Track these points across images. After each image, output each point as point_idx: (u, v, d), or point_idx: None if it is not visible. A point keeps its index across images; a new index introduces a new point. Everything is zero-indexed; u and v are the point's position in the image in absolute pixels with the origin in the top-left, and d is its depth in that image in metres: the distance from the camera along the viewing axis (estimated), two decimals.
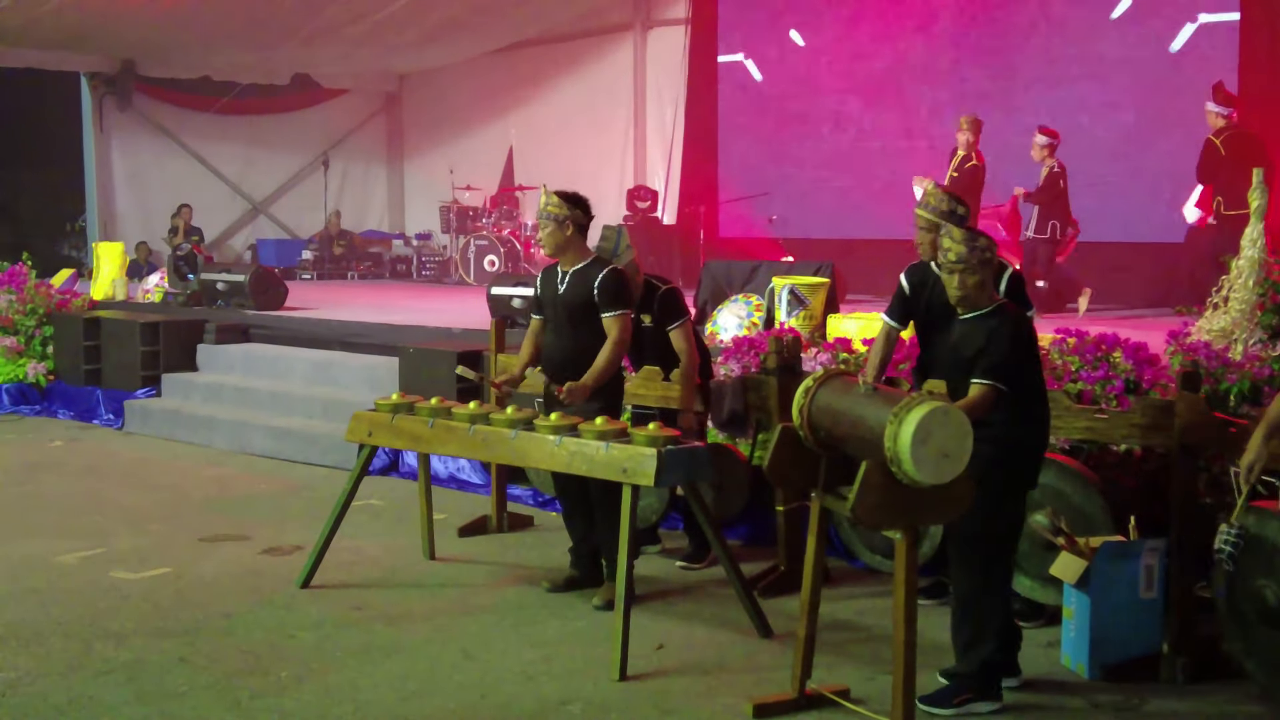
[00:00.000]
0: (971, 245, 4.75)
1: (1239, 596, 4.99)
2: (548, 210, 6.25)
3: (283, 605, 6.19)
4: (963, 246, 4.75)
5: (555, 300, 6.32)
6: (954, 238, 4.78)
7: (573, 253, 6.28)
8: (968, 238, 4.77)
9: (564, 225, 6.24)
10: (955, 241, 4.77)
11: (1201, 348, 6.30)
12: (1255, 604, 4.93)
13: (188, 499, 8.53)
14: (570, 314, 6.26)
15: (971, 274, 4.76)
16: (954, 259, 4.76)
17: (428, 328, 10.71)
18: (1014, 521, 4.95)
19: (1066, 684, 5.22)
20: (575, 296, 6.23)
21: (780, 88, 15.38)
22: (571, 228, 6.25)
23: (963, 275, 4.77)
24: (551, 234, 6.25)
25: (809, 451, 4.73)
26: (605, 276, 6.19)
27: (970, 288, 4.78)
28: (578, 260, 6.28)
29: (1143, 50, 12.48)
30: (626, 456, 5.46)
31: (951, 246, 4.77)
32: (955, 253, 4.76)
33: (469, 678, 5.25)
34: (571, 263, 6.28)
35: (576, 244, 6.29)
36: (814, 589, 4.84)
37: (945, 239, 4.81)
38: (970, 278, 4.76)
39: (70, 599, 6.28)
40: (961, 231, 4.81)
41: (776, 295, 8.56)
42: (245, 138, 19.32)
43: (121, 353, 11.78)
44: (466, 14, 16.35)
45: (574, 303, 6.23)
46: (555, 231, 6.24)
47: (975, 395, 4.65)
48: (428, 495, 7.06)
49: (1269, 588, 4.88)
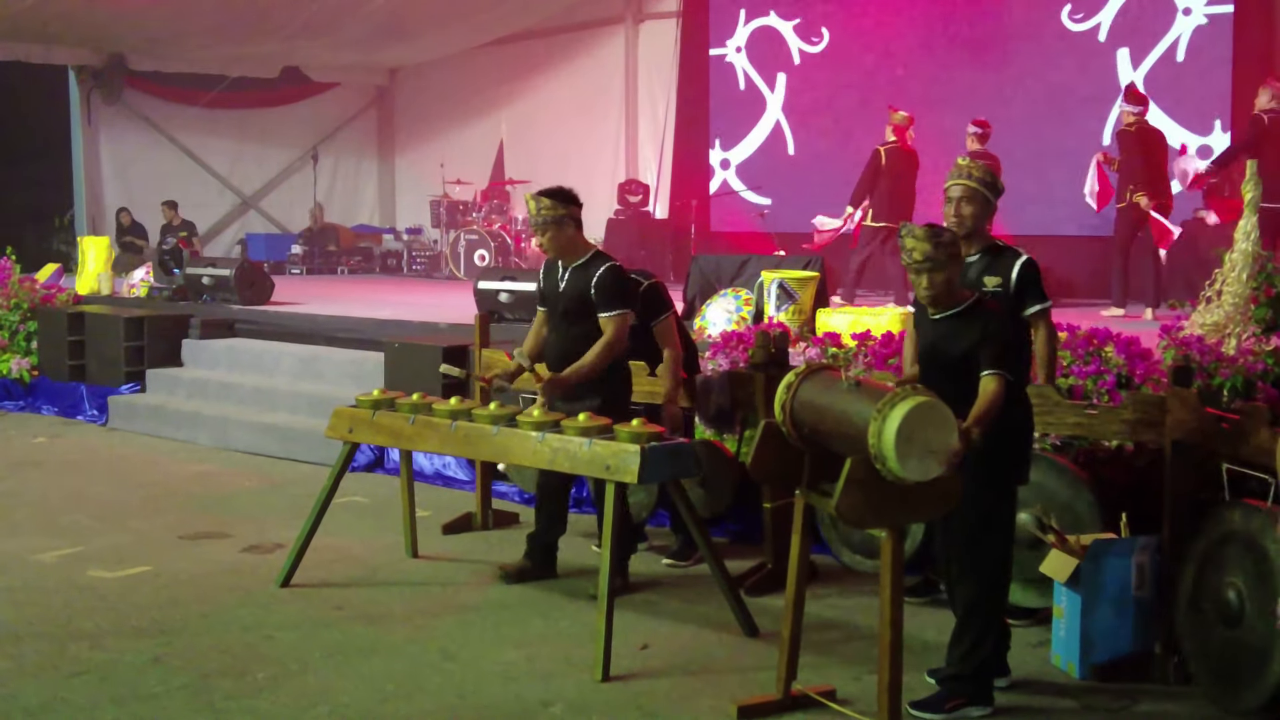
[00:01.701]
0: (936, 242, 4.64)
1: (1200, 594, 4.91)
2: (543, 215, 6.13)
3: (262, 604, 6.09)
4: (928, 244, 4.64)
5: (556, 296, 6.24)
6: (917, 236, 4.66)
7: (575, 249, 6.20)
8: (930, 234, 4.66)
9: (564, 225, 6.14)
10: (919, 240, 4.65)
11: (1194, 342, 6.23)
12: (1215, 603, 4.84)
13: (169, 496, 8.43)
14: (568, 310, 6.19)
15: (939, 271, 4.66)
16: (920, 258, 4.64)
17: (414, 322, 10.62)
18: (1007, 515, 4.85)
19: (1057, 684, 5.14)
20: (574, 292, 6.15)
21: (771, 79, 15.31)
22: (571, 224, 6.17)
23: (931, 274, 4.66)
24: (554, 237, 6.14)
25: (793, 448, 4.64)
26: (604, 274, 6.09)
27: (939, 286, 4.68)
28: (579, 255, 6.19)
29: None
30: (610, 453, 5.37)
31: (916, 245, 4.65)
32: (921, 251, 4.64)
33: (449, 678, 5.16)
34: (573, 259, 6.19)
35: (578, 240, 6.21)
36: (798, 589, 4.76)
37: (908, 239, 4.68)
38: (938, 275, 4.66)
39: (46, 598, 6.18)
40: (924, 229, 4.70)
41: (765, 289, 8.48)
42: (234, 132, 19.21)
43: (106, 348, 11.67)
44: (458, 7, 16.25)
45: (572, 299, 6.16)
46: (558, 234, 6.14)
47: (992, 388, 4.54)
48: (410, 492, 6.96)
49: (1232, 586, 4.79)
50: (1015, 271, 5.07)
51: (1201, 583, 4.91)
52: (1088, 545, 5.19)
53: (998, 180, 5.16)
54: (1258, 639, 4.65)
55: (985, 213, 5.11)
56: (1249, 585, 4.73)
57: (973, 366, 4.61)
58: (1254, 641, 4.66)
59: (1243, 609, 4.73)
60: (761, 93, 15.45)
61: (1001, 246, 5.19)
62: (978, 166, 5.15)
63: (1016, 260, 5.10)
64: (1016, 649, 5.13)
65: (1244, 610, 4.73)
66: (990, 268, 5.10)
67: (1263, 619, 4.61)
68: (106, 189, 18.31)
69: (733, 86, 15.73)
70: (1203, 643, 4.90)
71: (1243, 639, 4.72)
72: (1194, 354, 6.07)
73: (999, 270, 5.09)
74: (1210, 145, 12.06)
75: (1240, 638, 4.73)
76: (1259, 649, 4.64)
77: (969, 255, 5.07)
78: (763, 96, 15.44)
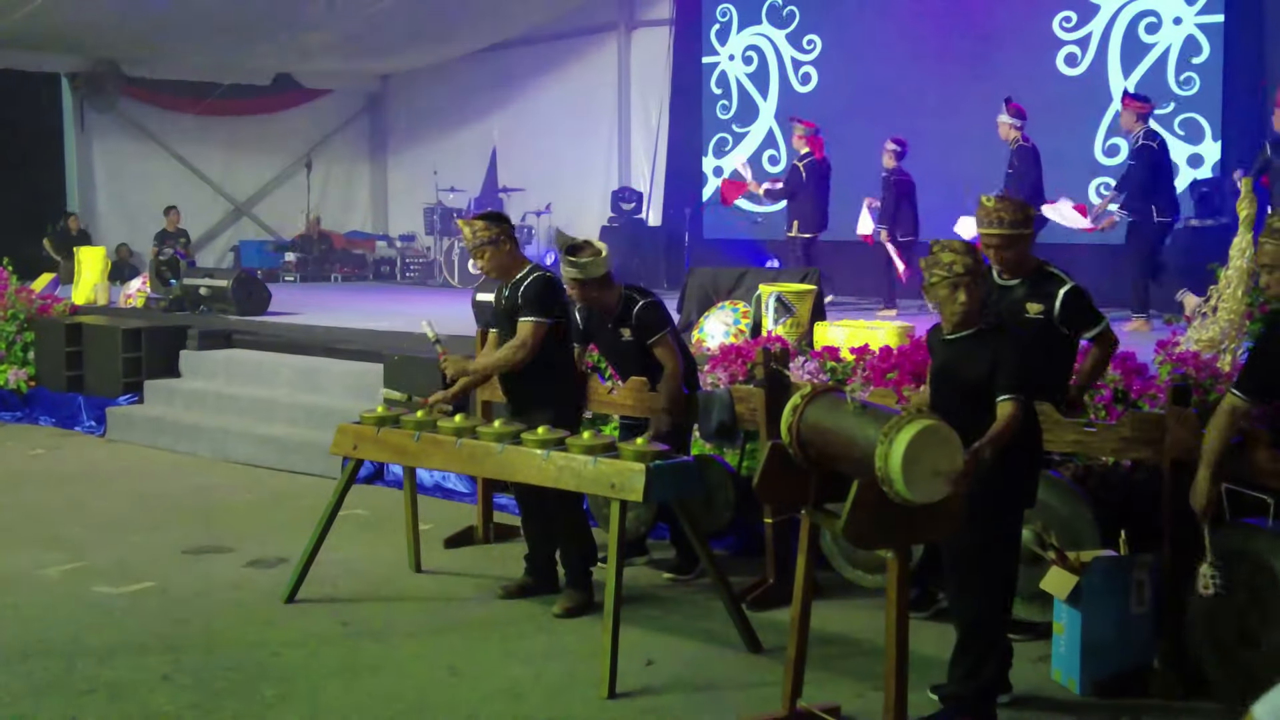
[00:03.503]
0: (975, 255, 4.67)
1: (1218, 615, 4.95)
2: (478, 237, 6.24)
3: (267, 620, 6.13)
4: (969, 258, 4.65)
5: (500, 314, 6.43)
6: (956, 249, 4.67)
7: (515, 266, 6.32)
8: (968, 247, 4.70)
9: (500, 244, 6.27)
10: (959, 253, 4.67)
11: (1190, 358, 6.28)
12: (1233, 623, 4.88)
13: (171, 509, 8.46)
14: (511, 324, 6.32)
15: (978, 286, 4.69)
16: (962, 270, 4.63)
17: (412, 334, 10.64)
18: (1012, 536, 4.88)
19: (1057, 700, 5.19)
20: (514, 306, 6.30)
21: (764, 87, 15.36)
22: (507, 243, 6.29)
23: (970, 288, 4.65)
24: (491, 257, 6.27)
25: (798, 468, 4.69)
26: (531, 280, 6.25)
27: (975, 301, 4.70)
28: (518, 271, 6.32)
29: None
30: (615, 471, 5.42)
31: (956, 259, 4.64)
32: (963, 264, 4.64)
33: (457, 696, 5.20)
34: (512, 276, 6.32)
35: (516, 257, 6.35)
36: (804, 607, 4.79)
37: (945, 253, 4.66)
38: (977, 290, 4.68)
39: (52, 615, 6.21)
40: (961, 242, 4.73)
41: (763, 303, 8.53)
42: (227, 139, 19.26)
43: (103, 359, 11.70)
44: (450, 14, 16.28)
45: (513, 313, 6.29)
46: (495, 253, 6.27)
47: (1008, 412, 4.55)
48: (413, 507, 7.01)
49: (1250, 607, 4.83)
50: (1059, 300, 5.13)
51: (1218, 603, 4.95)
52: (1087, 562, 5.25)
53: (1029, 210, 5.18)
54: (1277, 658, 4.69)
55: (1026, 248, 5.14)
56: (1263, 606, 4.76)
57: (984, 390, 4.62)
58: (1275, 661, 4.70)
59: (1261, 629, 4.77)
60: (755, 100, 15.52)
61: (1047, 272, 5.23)
62: (1007, 207, 5.09)
63: (1061, 289, 5.16)
64: (1017, 664, 5.16)
65: (1262, 630, 4.76)
66: (1033, 294, 5.16)
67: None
68: (99, 197, 18.31)
69: (725, 94, 15.79)
70: (1224, 663, 4.95)
71: (1264, 659, 4.74)
72: (1190, 370, 6.14)
73: (1041, 297, 5.15)
74: (1200, 154, 12.15)
75: (1262, 658, 4.75)
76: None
77: (1010, 281, 5.13)
78: (755, 105, 15.50)
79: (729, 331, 8.60)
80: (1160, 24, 12.35)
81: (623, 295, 6.59)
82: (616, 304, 6.56)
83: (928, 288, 4.77)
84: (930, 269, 4.73)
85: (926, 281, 4.75)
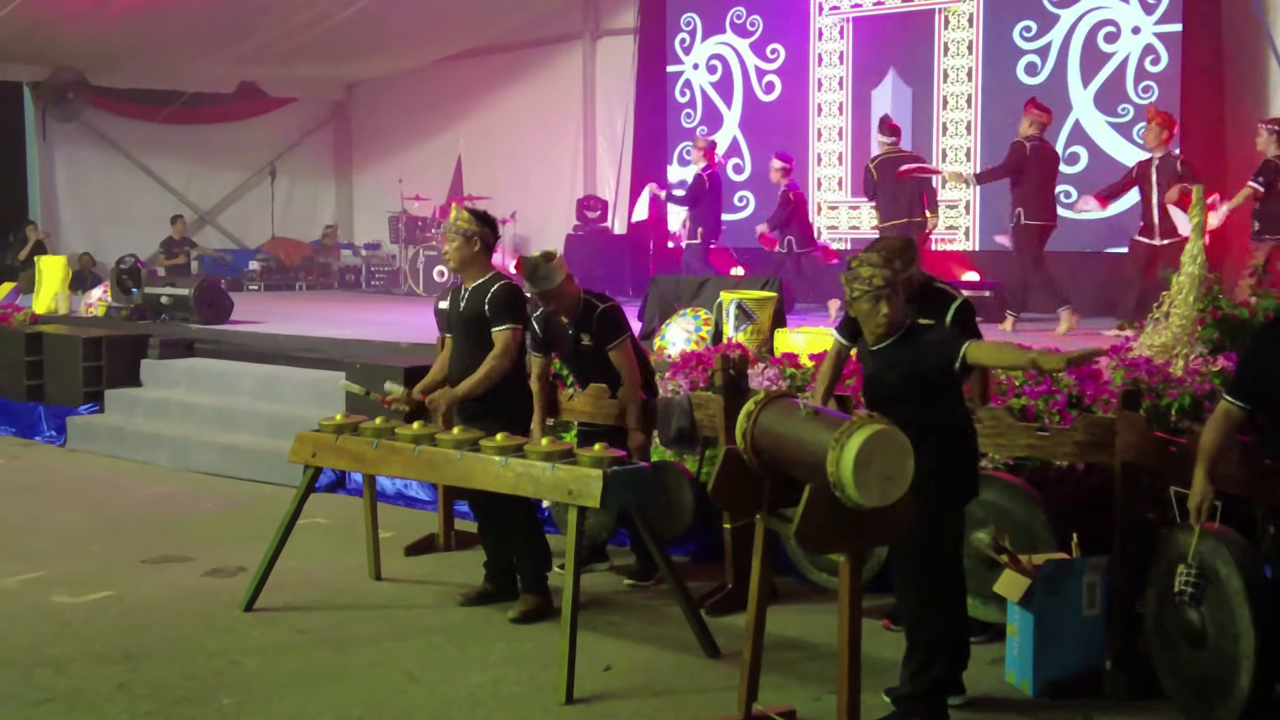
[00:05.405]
0: (893, 265, 4.74)
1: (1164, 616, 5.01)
2: (457, 225, 6.34)
3: (226, 629, 6.12)
4: (887, 269, 4.72)
5: (456, 316, 6.43)
6: (873, 262, 4.74)
7: (476, 269, 6.37)
8: (884, 258, 4.75)
9: (471, 241, 6.32)
10: (877, 266, 4.73)
11: (1143, 363, 6.36)
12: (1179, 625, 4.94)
13: (131, 518, 8.43)
14: (466, 330, 6.35)
15: (897, 295, 4.77)
16: (881, 283, 4.71)
17: (375, 342, 10.66)
18: (956, 533, 4.96)
19: (1010, 701, 5.25)
20: (471, 312, 6.32)
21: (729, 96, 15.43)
22: (479, 244, 6.34)
23: (890, 299, 4.74)
24: (458, 248, 6.32)
25: (753, 474, 4.72)
26: (498, 290, 6.28)
27: (896, 312, 4.78)
28: (479, 276, 6.36)
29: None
30: (572, 478, 5.45)
31: (875, 271, 4.72)
32: (882, 277, 4.71)
33: (415, 702, 5.21)
34: (473, 279, 6.36)
35: (481, 261, 6.38)
36: (759, 611, 4.83)
37: (863, 267, 4.73)
38: (897, 299, 4.77)
39: (9, 624, 6.19)
40: (877, 254, 4.78)
41: (724, 310, 8.56)
42: (191, 147, 19.13)
43: (64, 368, 11.62)
44: (415, 22, 16.28)
45: (470, 319, 6.33)
46: (462, 246, 6.32)
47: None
48: (373, 515, 7.01)
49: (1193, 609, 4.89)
50: (950, 316, 5.25)
51: (1164, 605, 5.01)
52: (1040, 565, 5.31)
53: (908, 250, 5.16)
54: (1223, 659, 4.73)
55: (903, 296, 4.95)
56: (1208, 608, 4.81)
57: (913, 389, 4.72)
58: (1219, 662, 4.74)
59: (1205, 631, 4.81)
60: (719, 109, 15.57)
61: (933, 288, 5.34)
62: (868, 261, 4.83)
63: (951, 304, 5.29)
64: (971, 666, 5.21)
65: (1206, 632, 4.81)
66: (921, 311, 5.26)
67: (1225, 639, 4.71)
68: (62, 206, 18.21)
69: (690, 103, 15.84)
70: (1172, 664, 4.99)
71: (1208, 659, 4.79)
72: (1143, 375, 6.21)
73: (931, 313, 5.27)
74: None
75: (1205, 658, 4.80)
76: (1225, 668, 4.72)
77: None
78: (720, 113, 15.56)
79: (690, 339, 8.64)
80: (1119, 33, 12.44)
81: (583, 300, 6.63)
82: (577, 306, 6.61)
83: (850, 302, 4.84)
84: (850, 284, 4.80)
85: (849, 296, 4.82)
